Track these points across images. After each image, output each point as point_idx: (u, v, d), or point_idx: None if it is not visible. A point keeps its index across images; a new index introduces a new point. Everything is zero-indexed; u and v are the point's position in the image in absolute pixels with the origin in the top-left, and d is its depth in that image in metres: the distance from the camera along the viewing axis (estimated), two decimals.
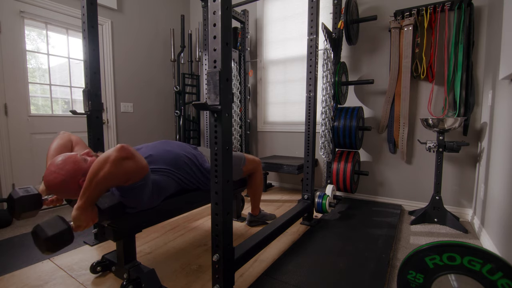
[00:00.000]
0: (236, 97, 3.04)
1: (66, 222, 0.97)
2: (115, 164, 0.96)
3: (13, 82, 2.30)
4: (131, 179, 1.04)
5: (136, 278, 1.22)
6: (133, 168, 1.01)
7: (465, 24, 2.13)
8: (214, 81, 0.99)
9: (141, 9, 3.29)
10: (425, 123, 2.08)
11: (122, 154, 0.98)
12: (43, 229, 0.91)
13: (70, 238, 0.96)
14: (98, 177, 0.96)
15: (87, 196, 0.99)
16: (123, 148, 0.99)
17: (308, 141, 2.01)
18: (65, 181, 1.07)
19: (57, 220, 0.96)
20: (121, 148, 0.98)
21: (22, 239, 1.84)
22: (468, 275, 0.87)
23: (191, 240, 1.81)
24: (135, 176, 1.04)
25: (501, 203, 1.55)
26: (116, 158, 0.96)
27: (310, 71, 1.98)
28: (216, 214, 1.08)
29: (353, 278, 1.35)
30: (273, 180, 3.39)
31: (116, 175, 0.98)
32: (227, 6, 0.99)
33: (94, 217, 1.04)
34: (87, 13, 1.64)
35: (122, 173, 0.99)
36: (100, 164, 0.97)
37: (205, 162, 1.55)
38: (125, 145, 1.00)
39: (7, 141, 2.26)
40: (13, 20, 2.29)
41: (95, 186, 0.97)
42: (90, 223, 1.02)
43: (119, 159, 0.97)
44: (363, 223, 2.09)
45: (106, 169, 0.96)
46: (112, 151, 0.98)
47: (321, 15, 2.51)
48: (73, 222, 1.00)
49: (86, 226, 1.02)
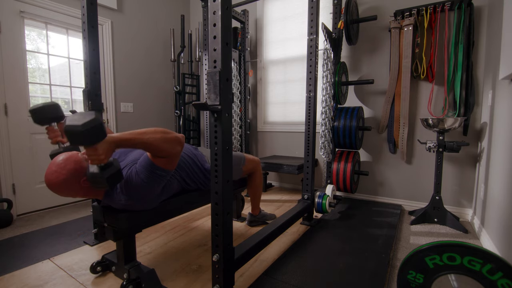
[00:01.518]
0: (236, 97, 3.04)
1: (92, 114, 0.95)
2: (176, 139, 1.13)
3: (13, 82, 2.30)
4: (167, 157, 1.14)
5: (136, 278, 1.22)
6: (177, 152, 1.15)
7: (465, 24, 2.13)
8: (214, 81, 0.99)
9: (141, 9, 3.29)
10: (425, 123, 2.08)
11: (182, 140, 1.18)
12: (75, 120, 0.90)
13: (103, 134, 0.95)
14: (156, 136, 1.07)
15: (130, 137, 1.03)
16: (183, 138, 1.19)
17: (308, 141, 2.01)
18: (66, 181, 1.07)
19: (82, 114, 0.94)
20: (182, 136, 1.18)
21: (22, 239, 1.84)
22: (468, 275, 0.87)
23: (191, 240, 1.81)
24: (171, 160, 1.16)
25: (501, 203, 1.55)
26: (179, 137, 1.16)
27: (310, 71, 1.98)
28: (216, 214, 1.08)
29: (353, 278, 1.35)
30: (273, 180, 3.39)
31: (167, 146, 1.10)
32: (227, 6, 0.99)
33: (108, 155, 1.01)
34: (87, 13, 1.64)
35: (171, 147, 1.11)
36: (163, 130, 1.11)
37: (206, 162, 1.55)
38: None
39: (7, 141, 2.26)
40: (13, 20, 2.29)
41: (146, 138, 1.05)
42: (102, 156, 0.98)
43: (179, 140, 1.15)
44: (363, 223, 2.09)
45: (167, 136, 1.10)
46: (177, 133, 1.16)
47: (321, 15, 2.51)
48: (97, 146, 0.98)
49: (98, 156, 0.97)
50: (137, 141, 1.04)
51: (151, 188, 1.18)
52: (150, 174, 1.15)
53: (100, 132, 0.94)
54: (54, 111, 1.32)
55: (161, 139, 1.08)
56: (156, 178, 1.17)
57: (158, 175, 1.16)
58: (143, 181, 1.15)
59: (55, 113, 1.33)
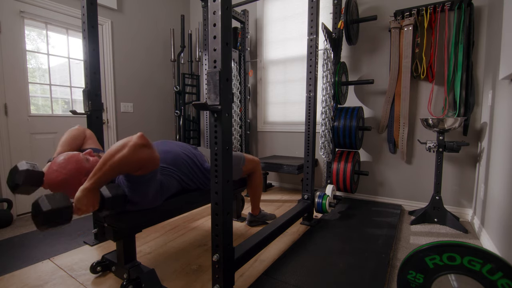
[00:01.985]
0: (236, 97, 3.04)
1: (69, 201, 0.97)
2: (133, 148, 0.99)
3: (13, 82, 2.30)
4: (143, 168, 1.05)
5: (136, 278, 1.22)
6: (148, 157, 1.03)
7: (465, 24, 2.13)
8: (214, 81, 0.99)
9: (141, 9, 3.29)
10: (425, 123, 2.08)
11: (142, 141, 1.01)
12: (46, 200, 0.91)
13: (68, 218, 0.95)
14: (114, 160, 0.98)
15: (97, 177, 0.99)
16: (143, 136, 1.03)
17: (308, 141, 2.01)
18: (67, 180, 1.07)
19: (61, 196, 0.95)
20: (141, 135, 1.02)
21: (22, 239, 1.84)
22: (468, 275, 0.87)
23: (191, 240, 1.81)
24: (147, 166, 1.06)
25: (501, 203, 1.55)
26: (136, 143, 0.99)
27: (310, 71, 1.98)
28: (216, 214, 1.08)
29: (353, 278, 1.35)
30: (273, 180, 3.39)
31: (131, 161, 1.00)
32: (227, 6, 0.99)
33: (95, 203, 1.03)
34: (87, 13, 1.64)
35: (137, 159, 1.00)
36: (118, 147, 0.99)
37: (205, 162, 1.55)
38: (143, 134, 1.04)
39: (7, 141, 2.26)
40: (13, 20, 2.29)
41: (108, 168, 0.98)
42: (90, 208, 1.01)
43: (138, 145, 1.00)
44: (363, 223, 2.09)
45: (123, 153, 0.98)
46: (131, 137, 1.01)
47: (321, 15, 2.51)
48: (75, 203, 0.99)
49: (86, 210, 1.01)
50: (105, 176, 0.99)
51: (145, 192, 1.16)
52: (136, 184, 1.12)
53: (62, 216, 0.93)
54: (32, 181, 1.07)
55: (121, 160, 0.98)
56: (143, 184, 1.13)
57: (144, 181, 1.12)
58: (133, 191, 1.13)
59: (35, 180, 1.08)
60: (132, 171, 1.05)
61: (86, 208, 1.00)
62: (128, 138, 1.01)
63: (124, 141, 1.01)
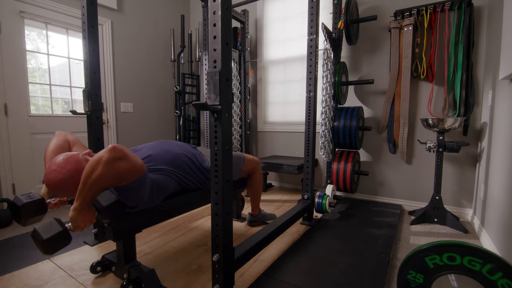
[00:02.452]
0: (236, 97, 3.04)
1: (62, 224, 0.98)
2: (107, 165, 0.95)
3: (13, 82, 2.30)
4: (125, 179, 1.02)
5: (136, 278, 1.22)
6: (126, 168, 0.99)
7: (465, 24, 2.13)
8: (214, 81, 0.99)
9: (141, 9, 3.29)
10: (425, 123, 2.08)
11: (114, 155, 0.96)
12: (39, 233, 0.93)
13: (67, 240, 0.97)
14: (92, 179, 0.96)
15: (82, 197, 0.99)
16: (115, 149, 0.97)
17: (308, 141, 2.01)
18: (66, 180, 1.07)
19: (52, 223, 0.96)
20: (113, 148, 0.96)
21: (22, 239, 1.84)
22: (468, 275, 0.87)
23: (191, 240, 1.81)
24: (129, 176, 1.03)
25: (501, 203, 1.55)
26: (108, 159, 0.95)
27: (310, 71, 1.98)
28: (216, 214, 1.08)
29: (353, 278, 1.35)
30: (273, 180, 3.39)
31: (109, 176, 0.97)
32: (227, 6, 0.99)
33: (91, 218, 1.04)
34: (87, 13, 1.64)
35: (114, 173, 0.97)
36: (92, 165, 0.96)
37: (205, 161, 1.55)
38: (117, 146, 0.99)
39: (7, 141, 2.26)
40: (13, 20, 2.29)
41: (89, 187, 0.98)
42: (88, 224, 1.03)
43: (111, 160, 0.95)
44: (363, 223, 2.09)
45: (98, 171, 0.95)
46: (103, 152, 0.96)
47: (321, 15, 2.51)
48: (71, 223, 1.00)
49: (84, 226, 1.02)
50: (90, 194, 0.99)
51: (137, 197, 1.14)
52: (125, 192, 1.09)
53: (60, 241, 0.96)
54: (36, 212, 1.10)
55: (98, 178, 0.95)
56: (133, 191, 1.10)
57: (132, 188, 1.08)
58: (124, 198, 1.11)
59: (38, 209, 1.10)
60: (115, 184, 1.03)
61: (83, 225, 1.02)
62: (101, 153, 0.97)
63: (97, 157, 0.96)
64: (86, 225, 1.02)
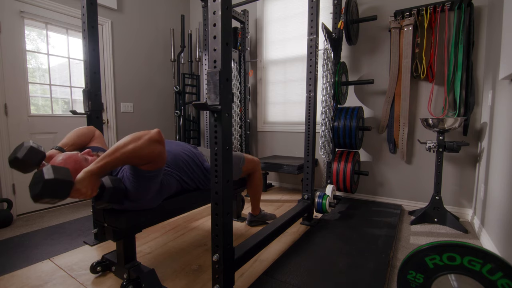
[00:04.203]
0: (236, 97, 3.04)
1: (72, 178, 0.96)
2: (149, 141, 1.02)
3: (13, 82, 2.30)
4: (151, 163, 1.07)
5: (136, 278, 1.22)
6: (159, 153, 1.06)
7: (465, 24, 2.13)
8: (214, 81, 0.99)
9: (141, 9, 3.29)
10: (425, 123, 2.08)
11: (158, 137, 1.05)
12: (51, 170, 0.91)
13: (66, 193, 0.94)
14: (126, 148, 0.99)
15: (105, 162, 1.00)
16: (160, 133, 1.07)
17: (308, 141, 2.01)
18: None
19: (66, 170, 0.95)
20: (159, 131, 1.06)
21: (22, 239, 1.84)
22: (468, 275, 0.87)
23: (191, 240, 1.81)
24: (156, 162, 1.08)
25: (501, 203, 1.55)
26: (152, 137, 1.03)
27: (310, 71, 1.98)
28: (216, 214, 1.08)
29: (353, 278, 1.35)
30: (273, 180, 3.39)
31: (143, 153, 1.02)
32: (227, 6, 0.99)
33: (95, 188, 1.02)
34: (87, 13, 1.64)
35: (149, 152, 1.03)
36: (133, 138, 1.02)
37: (205, 161, 1.55)
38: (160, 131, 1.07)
39: (7, 141, 2.26)
40: (13, 20, 2.29)
41: (119, 155, 0.99)
42: (89, 192, 1.00)
43: (154, 140, 1.04)
44: (363, 223, 2.09)
45: (138, 143, 1.00)
46: (149, 131, 1.05)
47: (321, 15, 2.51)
48: (76, 184, 0.98)
49: (85, 193, 0.99)
50: (113, 162, 1.00)
51: (146, 189, 1.16)
52: (140, 178, 1.12)
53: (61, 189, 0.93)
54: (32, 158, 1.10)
55: (134, 150, 1.00)
56: (147, 180, 1.14)
57: (148, 177, 1.13)
58: (135, 185, 1.13)
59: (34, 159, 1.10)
60: (139, 163, 1.06)
61: (85, 191, 0.99)
62: (145, 131, 1.04)
63: (140, 133, 1.04)
64: (87, 193, 1.00)
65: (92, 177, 1.00)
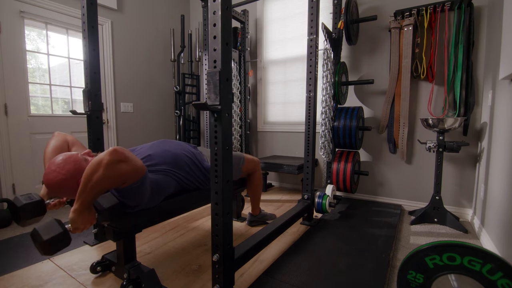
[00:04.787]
0: (236, 97, 3.04)
1: (62, 226, 0.97)
2: (108, 167, 0.95)
3: (13, 82, 2.30)
4: (127, 181, 1.03)
5: (136, 278, 1.22)
6: (127, 170, 0.99)
7: (465, 24, 2.13)
8: (214, 81, 0.99)
9: (141, 9, 3.29)
10: (425, 123, 2.08)
11: (115, 157, 0.96)
12: (39, 233, 0.92)
13: (67, 241, 0.97)
14: (92, 181, 0.95)
15: (82, 199, 0.98)
16: (116, 151, 0.97)
17: (308, 141, 2.01)
18: (65, 180, 1.07)
19: (53, 223, 0.96)
20: (114, 151, 0.96)
21: (22, 239, 1.84)
22: (468, 275, 0.87)
23: (191, 240, 1.81)
24: (131, 178, 1.03)
25: (501, 203, 1.55)
26: (109, 161, 0.95)
27: (310, 71, 1.98)
28: (216, 214, 1.08)
29: (353, 278, 1.35)
30: (273, 180, 3.39)
31: (110, 179, 0.97)
32: (227, 6, 0.99)
33: (91, 219, 1.04)
34: (87, 13, 1.64)
35: (116, 176, 0.97)
36: (93, 168, 0.95)
37: (204, 161, 1.55)
38: (118, 148, 0.99)
39: (7, 141, 2.26)
40: (13, 20, 2.29)
41: (90, 189, 0.97)
42: (87, 225, 1.02)
43: (112, 163, 0.95)
44: (363, 223, 2.09)
45: (99, 173, 0.94)
46: (104, 155, 0.96)
47: (321, 15, 2.51)
48: (71, 224, 1.00)
49: (84, 228, 1.02)
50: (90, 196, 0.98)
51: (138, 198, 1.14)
52: (126, 193, 1.10)
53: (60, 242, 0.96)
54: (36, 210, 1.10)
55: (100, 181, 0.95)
56: (134, 191, 1.10)
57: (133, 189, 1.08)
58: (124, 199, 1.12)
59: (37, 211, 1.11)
60: (116, 186, 1.03)
61: (83, 226, 1.01)
62: (101, 155, 0.96)
63: (98, 159, 0.96)
64: (86, 226, 1.02)
65: (82, 213, 1.00)
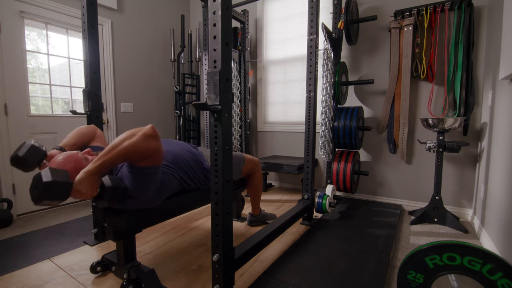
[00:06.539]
0: (236, 97, 3.04)
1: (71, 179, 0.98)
2: (143, 137, 1.02)
3: (13, 82, 2.30)
4: (148, 158, 1.07)
5: (136, 278, 1.22)
6: (155, 148, 1.06)
7: (465, 24, 2.13)
8: (214, 81, 0.99)
9: (141, 9, 3.29)
10: (425, 123, 2.08)
11: (152, 132, 1.05)
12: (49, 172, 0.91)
13: (66, 195, 0.96)
14: (122, 146, 1.00)
15: (102, 161, 1.01)
16: (153, 128, 1.07)
17: (308, 141, 2.01)
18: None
19: (64, 172, 0.97)
20: (152, 127, 1.07)
21: (22, 239, 1.84)
22: (468, 275, 0.87)
23: (191, 240, 1.81)
24: (153, 157, 1.08)
25: (501, 203, 1.55)
26: (146, 132, 1.04)
27: (310, 71, 1.98)
28: (216, 214, 1.08)
29: (353, 278, 1.35)
30: (273, 180, 3.39)
31: (139, 149, 1.02)
32: (227, 6, 0.99)
33: (95, 188, 1.03)
34: (87, 13, 1.64)
35: (145, 147, 1.03)
36: (128, 135, 1.03)
37: (205, 161, 1.55)
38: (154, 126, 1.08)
39: (7, 141, 2.26)
40: (13, 20, 2.29)
41: (115, 154, 1.00)
42: (89, 192, 1.01)
43: (148, 135, 1.04)
44: (363, 223, 2.09)
45: (133, 140, 1.01)
46: (143, 127, 1.05)
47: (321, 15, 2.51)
48: (76, 184, 0.99)
49: (85, 194, 1.01)
50: (111, 161, 1.01)
51: (146, 187, 1.16)
52: (138, 175, 1.12)
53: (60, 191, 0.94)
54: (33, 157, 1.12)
55: (129, 146, 1.00)
56: (146, 177, 1.13)
57: (146, 174, 1.12)
58: (134, 183, 1.13)
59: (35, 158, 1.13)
60: (136, 160, 1.07)
61: (85, 191, 1.00)
62: (140, 128, 1.05)
63: (135, 129, 1.04)
64: (87, 193, 1.01)
65: (91, 177, 1.00)
